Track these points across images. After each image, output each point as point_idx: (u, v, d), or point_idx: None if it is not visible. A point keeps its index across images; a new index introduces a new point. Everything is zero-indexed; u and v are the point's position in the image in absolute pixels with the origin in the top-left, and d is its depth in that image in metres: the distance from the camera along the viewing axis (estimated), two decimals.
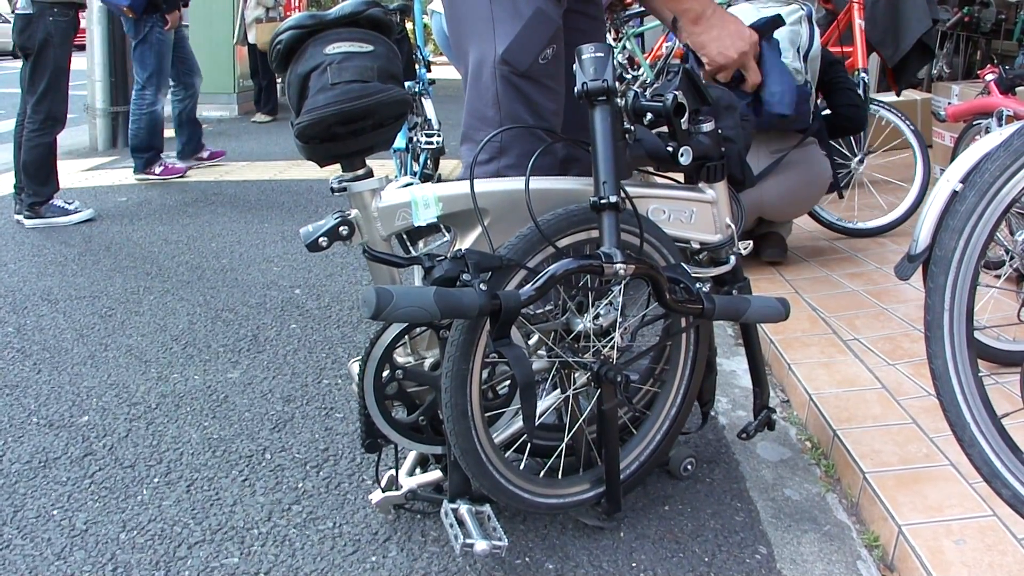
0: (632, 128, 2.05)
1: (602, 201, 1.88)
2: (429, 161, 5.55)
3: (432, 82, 5.98)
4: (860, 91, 4.62)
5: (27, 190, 5.46)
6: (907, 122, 4.73)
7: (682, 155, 2.06)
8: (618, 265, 1.83)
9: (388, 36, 1.98)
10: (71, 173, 7.09)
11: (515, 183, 2.04)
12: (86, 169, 7.36)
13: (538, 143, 2.26)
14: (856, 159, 4.71)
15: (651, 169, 2.23)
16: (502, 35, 2.28)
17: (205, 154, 7.50)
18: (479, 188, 2.00)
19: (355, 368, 2.06)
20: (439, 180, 5.14)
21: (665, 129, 2.10)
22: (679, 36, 2.31)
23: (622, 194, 1.91)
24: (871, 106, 4.75)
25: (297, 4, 11.46)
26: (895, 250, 4.35)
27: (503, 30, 2.28)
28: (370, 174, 2.01)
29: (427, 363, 2.12)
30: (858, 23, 4.93)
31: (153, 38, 6.45)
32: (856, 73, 4.75)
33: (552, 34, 2.30)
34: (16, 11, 5.27)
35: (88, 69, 8.47)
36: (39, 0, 5.22)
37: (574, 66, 1.96)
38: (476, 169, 2.32)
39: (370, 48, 1.92)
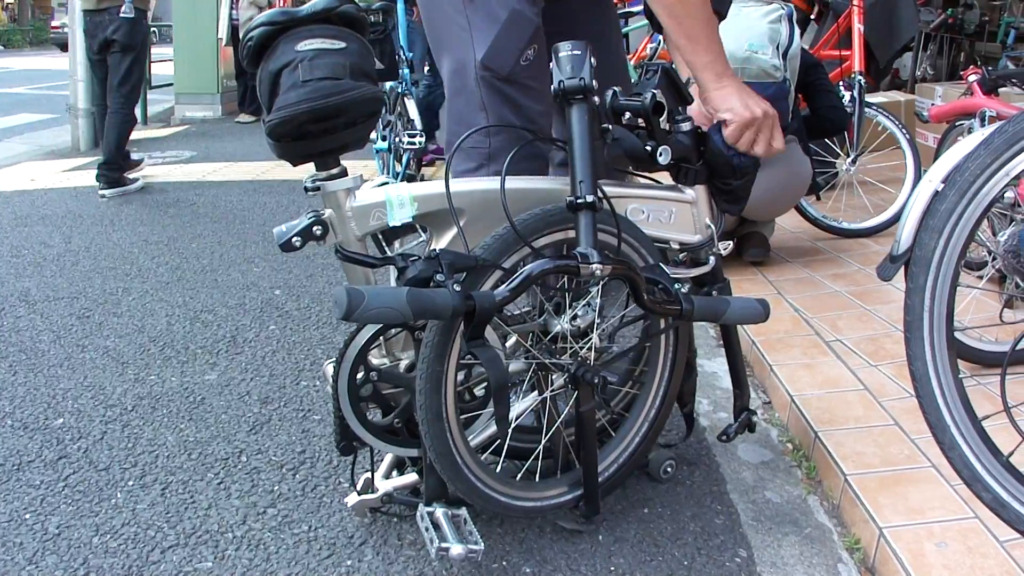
0: (610, 127, 2.03)
1: (579, 201, 1.86)
2: (412, 161, 5.54)
3: (415, 83, 5.96)
4: (856, 93, 4.65)
5: (112, 168, 6.31)
6: (899, 126, 4.73)
7: (661, 154, 2.04)
8: (595, 265, 1.81)
9: (361, 33, 1.96)
10: (52, 173, 7.08)
11: (491, 183, 2.02)
12: (68, 169, 7.33)
13: (527, 147, 2.24)
14: (848, 160, 4.71)
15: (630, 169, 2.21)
16: (480, 40, 2.27)
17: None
18: (455, 188, 1.98)
19: (329, 369, 2.04)
20: (422, 181, 5.12)
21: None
22: (701, 96, 2.24)
23: (599, 193, 1.89)
24: (868, 110, 4.76)
25: (282, 4, 11.43)
26: (878, 251, 4.34)
27: (480, 36, 2.26)
28: (344, 173, 1.98)
29: (402, 364, 2.09)
30: (857, 27, 4.96)
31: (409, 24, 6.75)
32: (852, 76, 4.77)
33: (531, 35, 2.28)
34: (122, 15, 6.23)
35: (70, 69, 8.45)
36: (138, 7, 6.28)
37: (550, 64, 1.94)
38: (465, 177, 2.30)
39: (342, 45, 1.90)
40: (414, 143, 5.43)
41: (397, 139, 5.79)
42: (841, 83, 4.91)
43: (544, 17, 2.38)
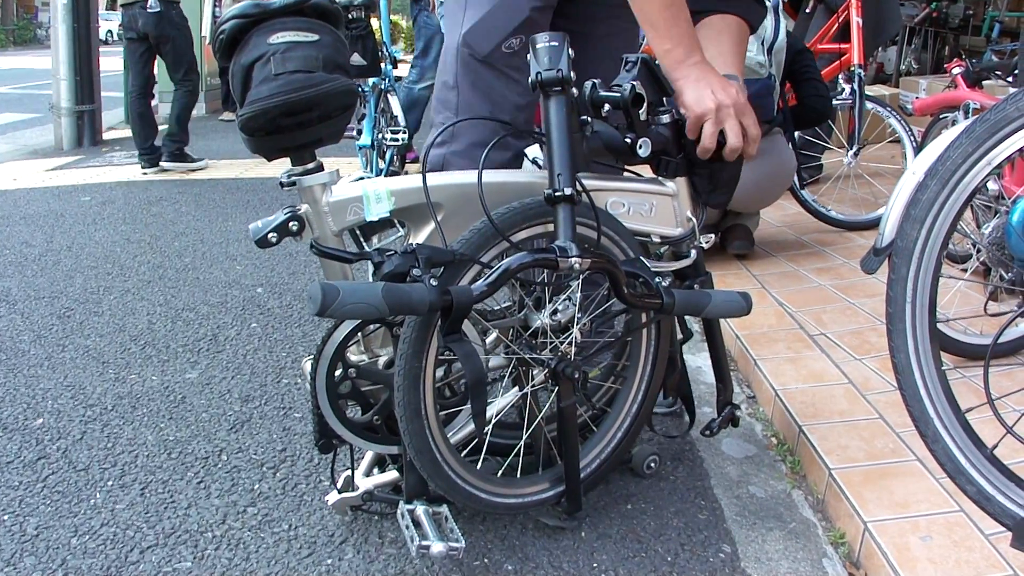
0: (589, 119, 2.01)
1: (557, 194, 1.84)
2: (395, 157, 5.52)
3: (398, 79, 5.95)
4: (856, 86, 4.67)
5: (174, 140, 7.13)
6: (901, 120, 4.75)
7: (640, 147, 2.02)
8: (573, 259, 1.79)
9: (335, 25, 1.94)
10: (35, 172, 7.03)
11: (469, 176, 2.00)
12: (50, 169, 7.28)
13: (490, 135, 2.23)
14: (851, 153, 4.73)
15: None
16: (469, 17, 2.28)
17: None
18: (432, 182, 1.96)
19: (308, 367, 2.02)
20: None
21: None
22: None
23: (578, 186, 1.88)
24: (873, 106, 4.79)
25: None
26: (863, 244, 4.34)
27: (472, 13, 2.29)
28: (320, 168, 1.96)
29: (381, 361, 2.07)
30: (856, 20, 4.98)
31: (420, 21, 6.95)
32: (852, 69, 4.79)
33: (519, 24, 2.27)
34: (148, 9, 6.73)
35: (53, 68, 8.42)
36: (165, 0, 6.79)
37: (528, 56, 1.92)
38: (428, 151, 2.29)
39: (315, 37, 1.88)
40: (397, 139, 5.42)
41: (380, 135, 5.77)
42: (840, 76, 4.93)
43: (566, 16, 2.39)
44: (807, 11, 6.24)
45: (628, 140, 2.02)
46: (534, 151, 2.49)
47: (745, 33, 2.33)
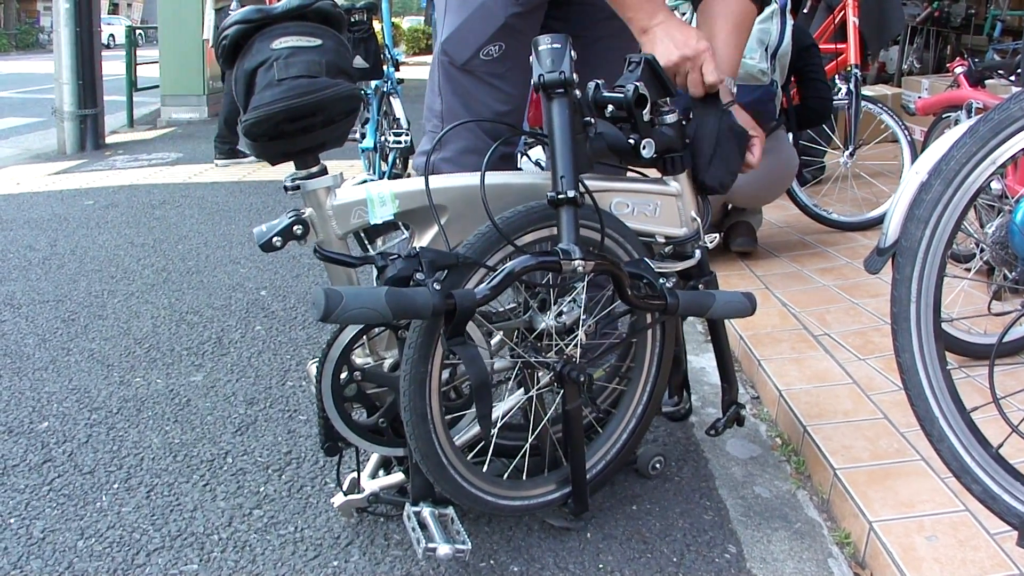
0: (592, 121, 2.01)
1: (560, 196, 1.84)
2: (398, 160, 5.52)
3: (400, 81, 5.95)
4: (852, 86, 4.68)
5: (224, 141, 7.51)
6: (898, 121, 4.74)
7: (644, 148, 2.02)
8: (577, 261, 1.79)
9: (338, 29, 1.93)
10: (38, 177, 7.03)
11: (472, 179, 2.00)
12: (53, 173, 7.29)
13: (477, 140, 2.23)
14: (846, 153, 4.73)
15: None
16: (448, 25, 2.29)
17: None
18: (436, 184, 1.96)
19: (313, 370, 2.02)
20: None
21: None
22: None
23: (581, 188, 1.87)
24: (865, 104, 4.79)
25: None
26: (866, 244, 4.34)
27: (451, 19, 2.30)
28: (324, 171, 1.96)
29: (386, 364, 2.07)
30: (852, 21, 4.98)
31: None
32: (849, 69, 4.79)
33: (495, 31, 2.27)
34: (231, 12, 6.59)
35: (55, 72, 8.43)
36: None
37: (530, 58, 1.92)
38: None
39: (318, 42, 1.87)
40: (400, 142, 5.42)
41: (383, 138, 5.78)
42: (837, 76, 4.93)
43: (560, 19, 2.42)
44: (805, 11, 6.25)
45: (632, 141, 2.02)
46: (536, 152, 2.49)
47: (749, 15, 2.34)
